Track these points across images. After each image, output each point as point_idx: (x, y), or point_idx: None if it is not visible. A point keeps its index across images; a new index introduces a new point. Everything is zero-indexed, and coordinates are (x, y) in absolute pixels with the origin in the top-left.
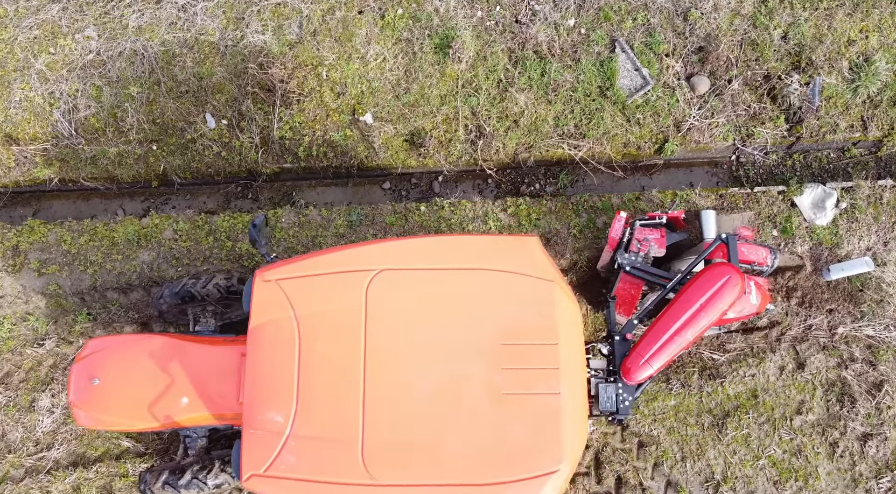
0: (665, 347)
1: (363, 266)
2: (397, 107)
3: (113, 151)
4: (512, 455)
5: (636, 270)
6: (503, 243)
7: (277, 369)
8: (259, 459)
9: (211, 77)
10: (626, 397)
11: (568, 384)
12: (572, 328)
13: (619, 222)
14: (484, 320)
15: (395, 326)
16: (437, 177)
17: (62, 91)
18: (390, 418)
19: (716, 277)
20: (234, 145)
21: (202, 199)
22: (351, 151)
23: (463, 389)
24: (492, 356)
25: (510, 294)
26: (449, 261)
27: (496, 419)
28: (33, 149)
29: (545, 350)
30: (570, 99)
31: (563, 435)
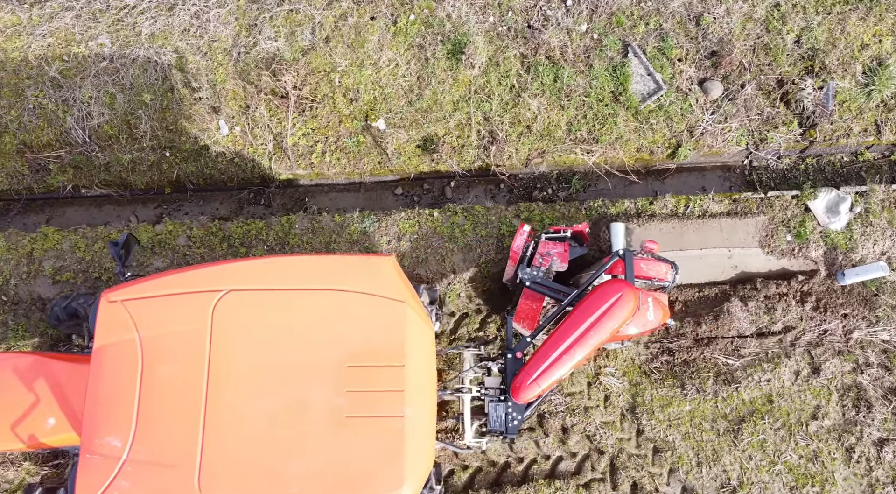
0: (554, 366)
1: (210, 287)
2: (410, 113)
3: (126, 157)
4: (353, 478)
5: (536, 284)
6: (355, 263)
7: (118, 391)
8: (93, 484)
9: (224, 84)
10: (516, 416)
11: (414, 407)
12: (422, 350)
13: (522, 235)
14: (331, 341)
15: (241, 348)
16: (450, 182)
17: (76, 98)
18: (230, 442)
19: (608, 294)
20: (247, 152)
21: (215, 205)
22: (364, 157)
23: (306, 412)
24: (337, 378)
25: (359, 316)
26: (299, 282)
27: (338, 443)
28: (47, 156)
29: (391, 372)
30: (583, 104)
31: (405, 458)
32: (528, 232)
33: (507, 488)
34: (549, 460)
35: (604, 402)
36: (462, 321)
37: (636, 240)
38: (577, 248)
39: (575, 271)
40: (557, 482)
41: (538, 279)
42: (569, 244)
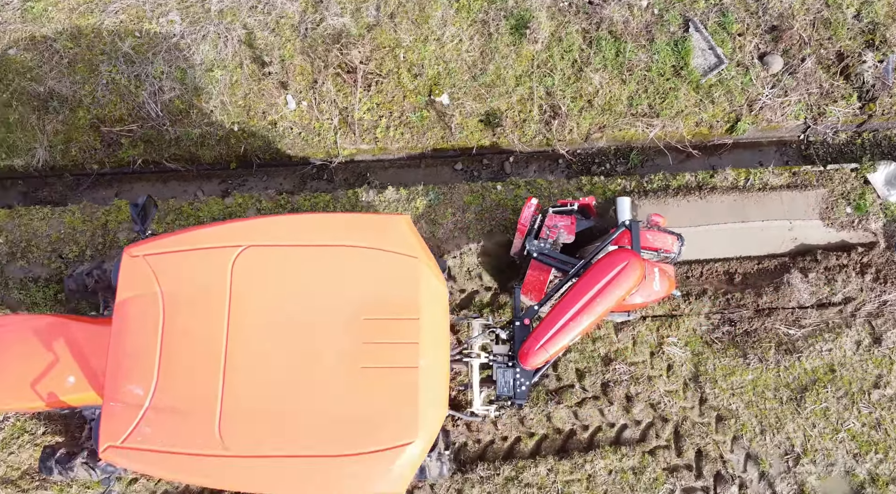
0: (561, 332)
1: (229, 242)
2: (474, 87)
3: (195, 132)
4: (369, 427)
5: (543, 256)
6: (371, 221)
7: (140, 342)
8: (117, 430)
9: (292, 59)
10: (524, 381)
11: (428, 359)
12: (436, 305)
13: (529, 208)
14: (347, 295)
15: (259, 301)
16: (509, 158)
17: (148, 73)
18: (249, 391)
19: (614, 263)
20: (313, 127)
21: (278, 180)
22: (428, 132)
23: (322, 363)
24: (353, 330)
25: (375, 271)
26: (316, 238)
27: (354, 392)
28: (119, 130)
29: (406, 325)
30: (644, 78)
31: (419, 408)
32: (536, 205)
33: (574, 454)
34: (613, 428)
35: (667, 371)
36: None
37: (642, 214)
38: (583, 221)
39: (582, 244)
40: (623, 448)
41: (545, 251)
42: (575, 217)
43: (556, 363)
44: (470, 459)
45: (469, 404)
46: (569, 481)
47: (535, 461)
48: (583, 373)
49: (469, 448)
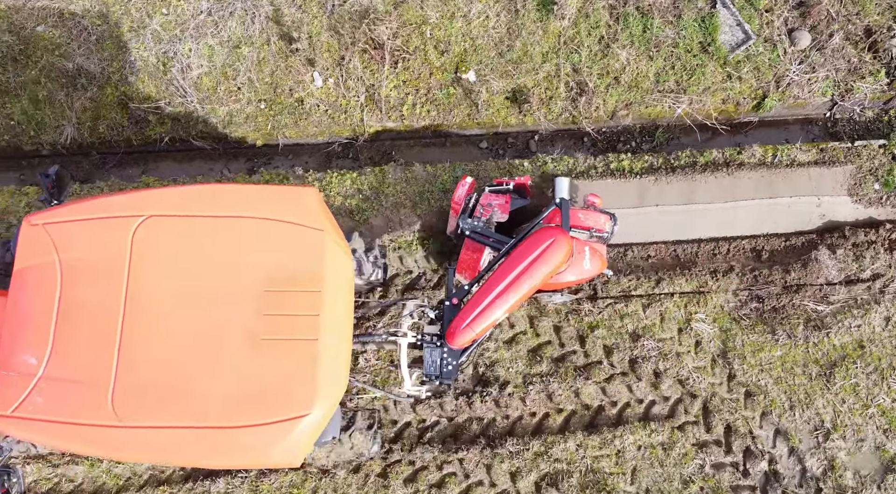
0: (487, 310)
1: (131, 212)
2: (500, 64)
3: (223, 110)
4: (266, 398)
5: (476, 234)
6: (277, 192)
7: (35, 311)
8: (8, 400)
9: (319, 36)
10: (451, 361)
11: (329, 331)
12: (340, 279)
13: (463, 186)
14: (250, 267)
15: (160, 272)
16: (534, 136)
17: (176, 51)
18: (144, 362)
19: (540, 240)
20: (339, 104)
21: (304, 158)
22: (454, 109)
23: (221, 334)
24: (254, 302)
25: (279, 243)
26: (221, 209)
27: (252, 364)
28: (147, 107)
29: (308, 297)
30: (671, 55)
31: (318, 380)
32: (470, 184)
33: (602, 429)
34: (641, 404)
35: (695, 348)
36: None
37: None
38: (518, 200)
39: (517, 224)
40: (652, 424)
41: (478, 229)
42: (511, 196)
43: (583, 339)
44: (499, 434)
45: (400, 384)
46: (598, 456)
47: (564, 436)
48: (610, 349)
49: (497, 424)
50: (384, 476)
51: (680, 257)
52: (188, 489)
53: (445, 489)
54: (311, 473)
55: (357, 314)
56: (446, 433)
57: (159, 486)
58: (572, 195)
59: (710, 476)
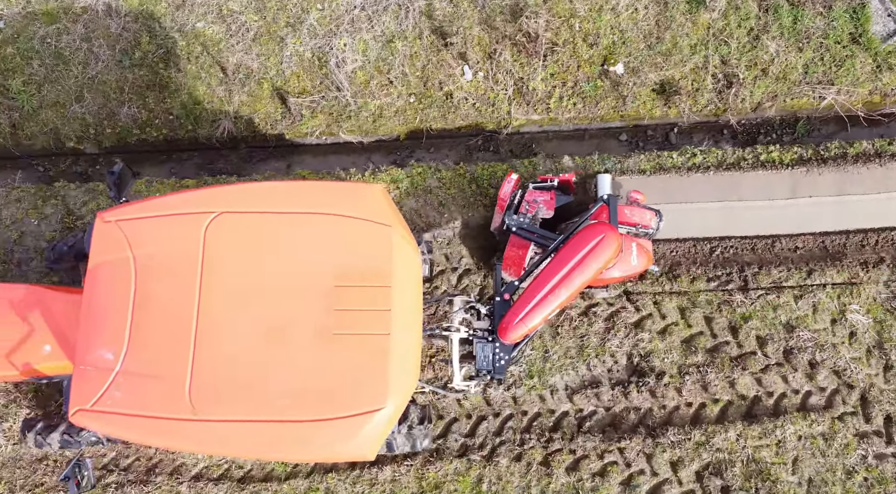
0: (539, 306)
1: (203, 208)
2: (649, 57)
3: (374, 103)
4: (338, 393)
5: (522, 231)
6: (345, 189)
7: (111, 307)
8: (87, 394)
9: (470, 30)
10: (503, 356)
11: (399, 326)
12: (408, 274)
13: (509, 183)
14: (319, 263)
15: (231, 267)
16: (673, 128)
17: (332, 45)
18: (220, 356)
19: (590, 236)
20: (488, 97)
21: (444, 151)
22: (600, 102)
23: (294, 329)
24: (325, 297)
25: (348, 239)
26: (290, 206)
27: (325, 359)
28: (300, 102)
29: (378, 292)
30: (821, 46)
31: (390, 375)
32: (516, 180)
33: (763, 419)
34: (798, 394)
35: (849, 339)
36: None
37: (623, 193)
38: (563, 196)
39: (561, 220)
40: (812, 414)
41: (524, 226)
42: (555, 193)
43: (735, 329)
44: (658, 424)
45: (450, 379)
46: (758, 446)
47: (724, 426)
48: (764, 340)
49: (655, 414)
50: (546, 465)
51: (828, 249)
52: (355, 476)
53: (607, 477)
54: (475, 461)
55: None
56: (604, 422)
57: (327, 473)
58: (615, 192)
59: (874, 466)
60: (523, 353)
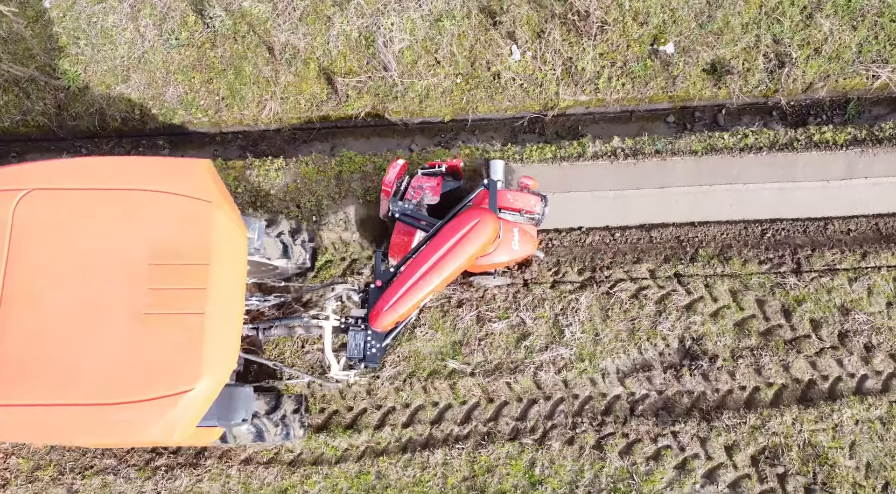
0: (409, 292)
1: (13, 185)
2: (700, 36)
3: (421, 84)
4: (150, 374)
5: (406, 216)
6: (166, 164)
7: None
8: None
9: (519, 8)
10: (375, 344)
11: (216, 305)
12: (230, 251)
13: (394, 168)
14: (136, 240)
15: (42, 246)
16: (721, 110)
17: (379, 24)
18: (22, 338)
19: (465, 221)
20: (535, 77)
21: (489, 133)
22: (649, 82)
23: (104, 310)
24: (138, 276)
25: (167, 216)
26: (106, 182)
27: (136, 340)
28: (347, 82)
29: (194, 270)
30: (876, 24)
31: (203, 355)
32: (402, 166)
33: (819, 403)
34: (853, 378)
35: None
36: None
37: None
38: (450, 182)
39: (450, 206)
40: (869, 398)
41: (408, 212)
42: (442, 179)
43: (788, 312)
44: (712, 407)
45: (327, 368)
46: (814, 430)
47: (779, 409)
48: (818, 323)
49: (708, 397)
50: (599, 449)
51: (882, 231)
52: (406, 459)
53: (661, 461)
54: (527, 445)
55: (286, 298)
56: (657, 406)
57: (378, 457)
58: (507, 178)
59: None
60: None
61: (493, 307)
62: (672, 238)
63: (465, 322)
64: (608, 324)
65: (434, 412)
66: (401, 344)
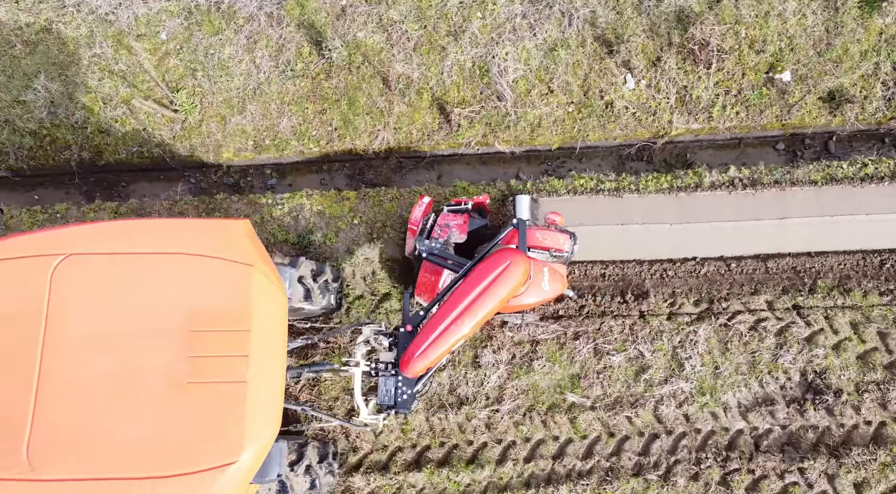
0: (441, 338)
1: (50, 250)
2: (819, 64)
3: (533, 113)
4: (191, 446)
5: (433, 256)
6: (203, 226)
7: None
8: None
9: (634, 37)
10: (406, 390)
11: (258, 372)
12: (270, 315)
13: (420, 207)
14: (174, 306)
15: (80, 313)
16: (832, 137)
17: (494, 54)
18: (64, 410)
19: (496, 263)
20: (649, 106)
21: (596, 161)
22: (764, 111)
23: (145, 378)
24: (179, 343)
25: (206, 280)
26: (144, 245)
27: (177, 410)
28: (460, 112)
29: (235, 337)
30: None
31: (246, 426)
32: (428, 204)
33: None
34: None
35: None
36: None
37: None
38: (476, 219)
39: (477, 244)
40: None
41: (435, 251)
42: (469, 216)
43: None
44: (838, 443)
45: (357, 413)
46: None
47: None
48: None
49: (834, 432)
50: (725, 485)
51: None
52: None
53: None
54: (651, 480)
55: (312, 340)
56: (782, 441)
57: (501, 492)
58: (533, 213)
59: None
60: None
61: (610, 339)
62: (788, 268)
63: (582, 355)
64: (728, 357)
65: (555, 447)
66: (519, 377)
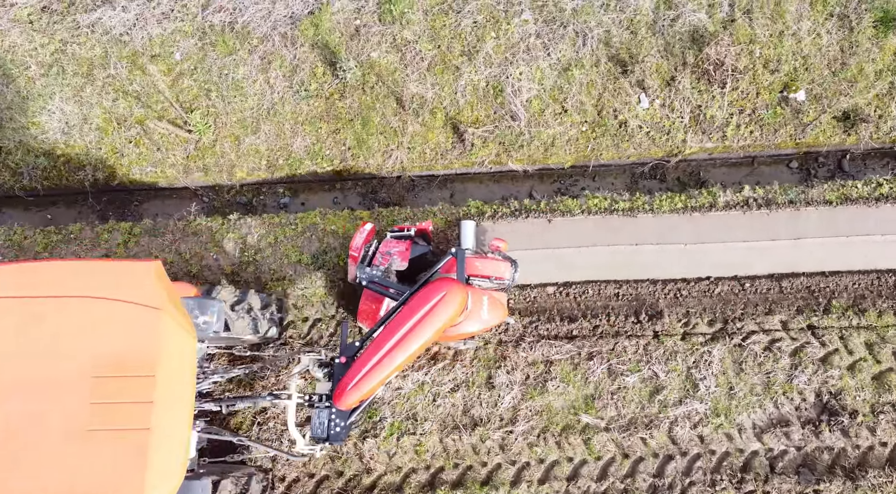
0: (374, 370)
1: None
2: (833, 83)
3: (547, 132)
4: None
5: (373, 284)
6: (111, 268)
7: None
8: None
9: (649, 57)
10: (339, 422)
11: (163, 419)
12: (178, 360)
13: (361, 234)
14: (77, 351)
15: None
16: (845, 156)
17: (508, 74)
18: None
19: (430, 294)
20: (663, 125)
21: (609, 180)
22: (778, 130)
23: (44, 427)
24: (81, 390)
25: (110, 323)
26: (45, 289)
27: (77, 458)
28: (474, 131)
29: (140, 383)
30: None
31: (147, 475)
32: (369, 231)
33: None
34: None
35: None
36: None
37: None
38: (419, 246)
39: (419, 271)
40: None
41: (376, 279)
42: (411, 243)
43: None
44: (854, 465)
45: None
46: None
47: None
48: None
49: (849, 454)
50: None
51: None
52: None
53: None
54: None
55: (251, 368)
56: (797, 462)
57: None
58: (478, 239)
59: None
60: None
61: (624, 360)
62: (803, 288)
63: (596, 375)
64: (742, 377)
65: (569, 468)
66: (533, 398)
